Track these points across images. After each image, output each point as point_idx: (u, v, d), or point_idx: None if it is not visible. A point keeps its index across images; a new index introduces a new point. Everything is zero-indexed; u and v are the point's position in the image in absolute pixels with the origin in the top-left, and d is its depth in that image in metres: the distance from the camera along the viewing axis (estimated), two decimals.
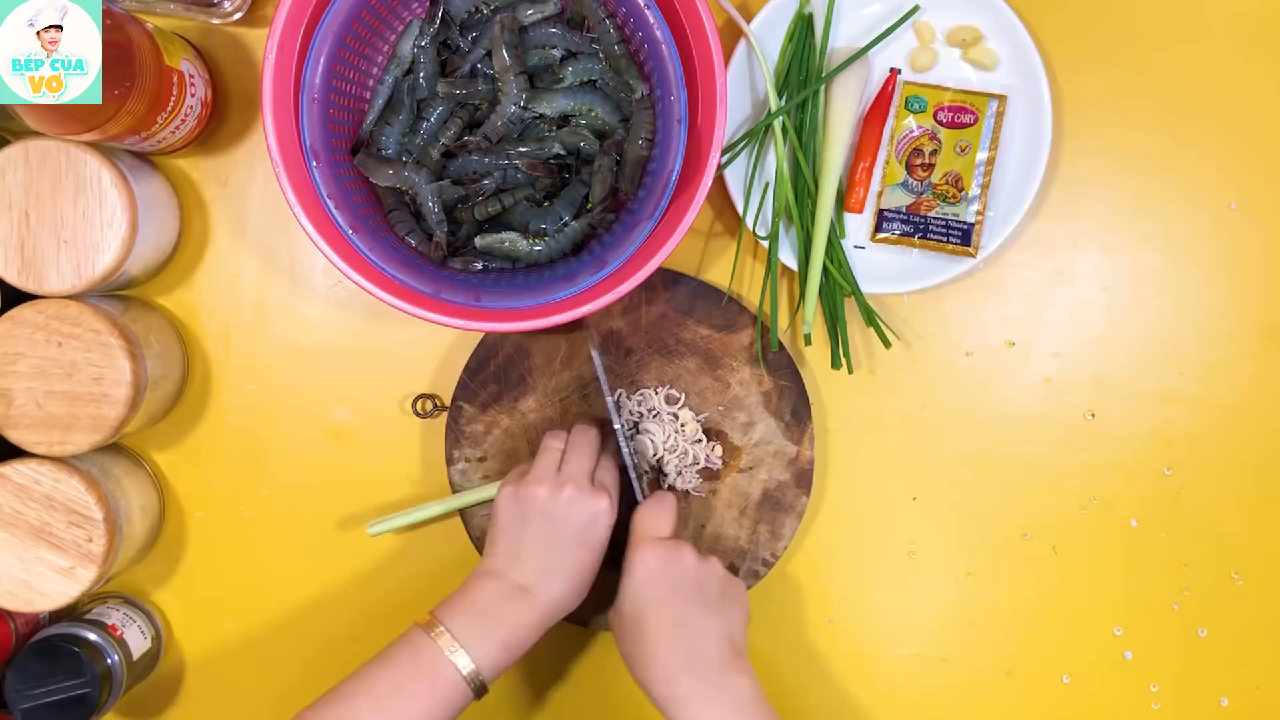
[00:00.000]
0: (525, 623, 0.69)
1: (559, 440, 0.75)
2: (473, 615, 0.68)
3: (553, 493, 0.71)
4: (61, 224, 0.72)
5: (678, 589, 0.69)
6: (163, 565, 0.84)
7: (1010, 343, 0.83)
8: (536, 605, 0.69)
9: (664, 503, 0.72)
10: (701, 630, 0.68)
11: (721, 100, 0.67)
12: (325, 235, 0.68)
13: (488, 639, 0.67)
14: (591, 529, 0.71)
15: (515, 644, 0.68)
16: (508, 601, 0.69)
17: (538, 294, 0.71)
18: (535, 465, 0.73)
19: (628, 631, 0.69)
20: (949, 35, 0.78)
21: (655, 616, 0.68)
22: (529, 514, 0.71)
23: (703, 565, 0.70)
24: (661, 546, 0.70)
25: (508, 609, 0.69)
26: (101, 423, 0.74)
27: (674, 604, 0.68)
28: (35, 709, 0.74)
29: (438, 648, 0.66)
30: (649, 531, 0.71)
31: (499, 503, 0.73)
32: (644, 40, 0.72)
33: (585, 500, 0.71)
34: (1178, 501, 0.83)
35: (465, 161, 0.75)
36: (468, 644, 0.67)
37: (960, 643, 0.84)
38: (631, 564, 0.70)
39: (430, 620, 0.68)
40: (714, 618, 0.69)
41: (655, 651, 0.67)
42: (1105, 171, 0.81)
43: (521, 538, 0.70)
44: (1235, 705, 0.83)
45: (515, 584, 0.69)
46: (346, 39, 0.72)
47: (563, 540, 0.70)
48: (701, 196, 0.68)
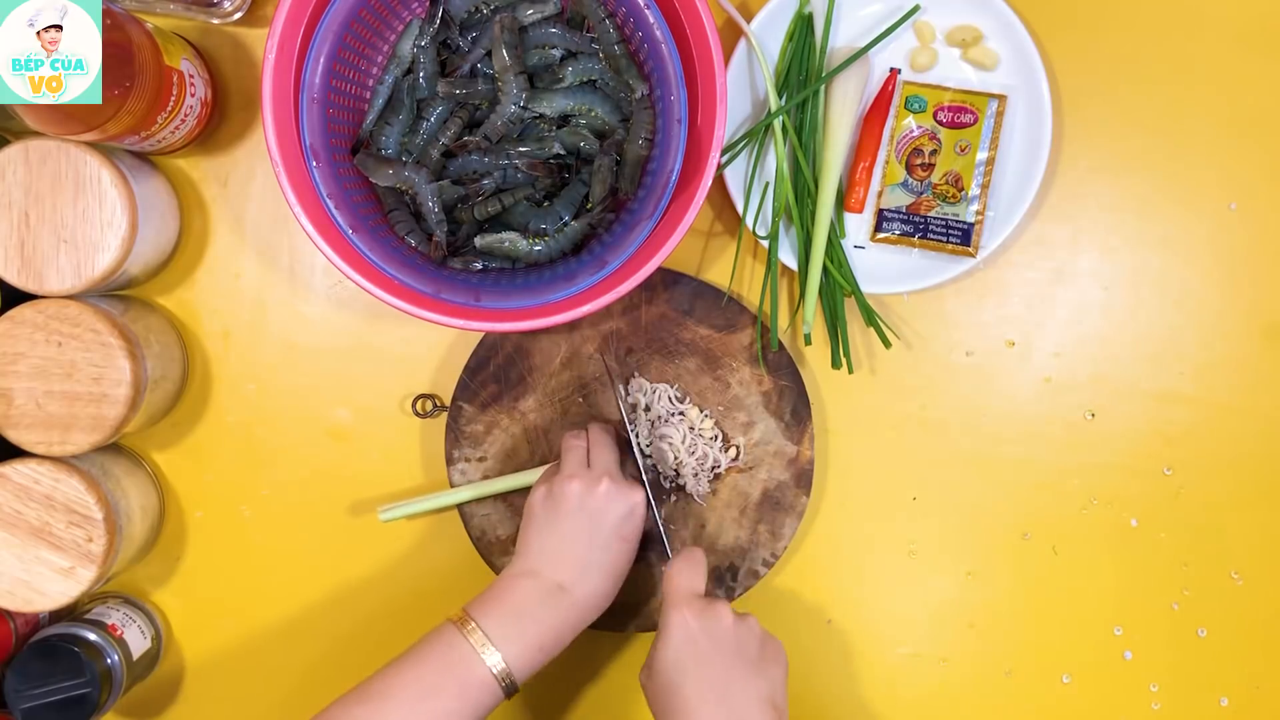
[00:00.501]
0: (563, 622, 0.68)
1: (581, 439, 0.75)
2: (507, 614, 0.67)
3: (588, 487, 0.70)
4: (61, 224, 0.72)
5: (718, 651, 0.66)
6: (163, 565, 0.84)
7: (1010, 343, 0.83)
8: (574, 604, 0.68)
9: (695, 559, 0.70)
10: (743, 696, 0.65)
11: (721, 100, 0.67)
12: (325, 235, 0.68)
13: (522, 639, 0.67)
14: (629, 521, 0.70)
15: (550, 644, 0.68)
16: (544, 601, 0.68)
17: (538, 294, 0.71)
18: (564, 463, 0.73)
19: (663, 694, 0.66)
20: (949, 35, 0.78)
21: (695, 681, 0.65)
22: (565, 510, 0.70)
23: (741, 625, 0.67)
24: (700, 605, 0.67)
25: (544, 609, 0.68)
26: (101, 423, 0.74)
27: (714, 667, 0.65)
28: (35, 709, 0.74)
29: (470, 646, 0.66)
30: (683, 589, 0.68)
31: (531, 503, 0.72)
32: (644, 40, 0.72)
33: (622, 492, 0.70)
34: (1178, 501, 0.83)
35: (465, 161, 0.75)
36: (501, 644, 0.66)
37: (960, 643, 0.84)
38: (669, 624, 0.66)
39: (463, 617, 0.67)
40: (755, 681, 0.66)
41: (696, 714, 0.64)
42: (1105, 171, 0.81)
43: (559, 535, 0.70)
44: (1235, 705, 0.83)
45: (552, 583, 0.68)
46: (346, 39, 0.72)
47: (601, 535, 0.70)
48: (701, 196, 0.68)
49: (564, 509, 0.70)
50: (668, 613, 0.67)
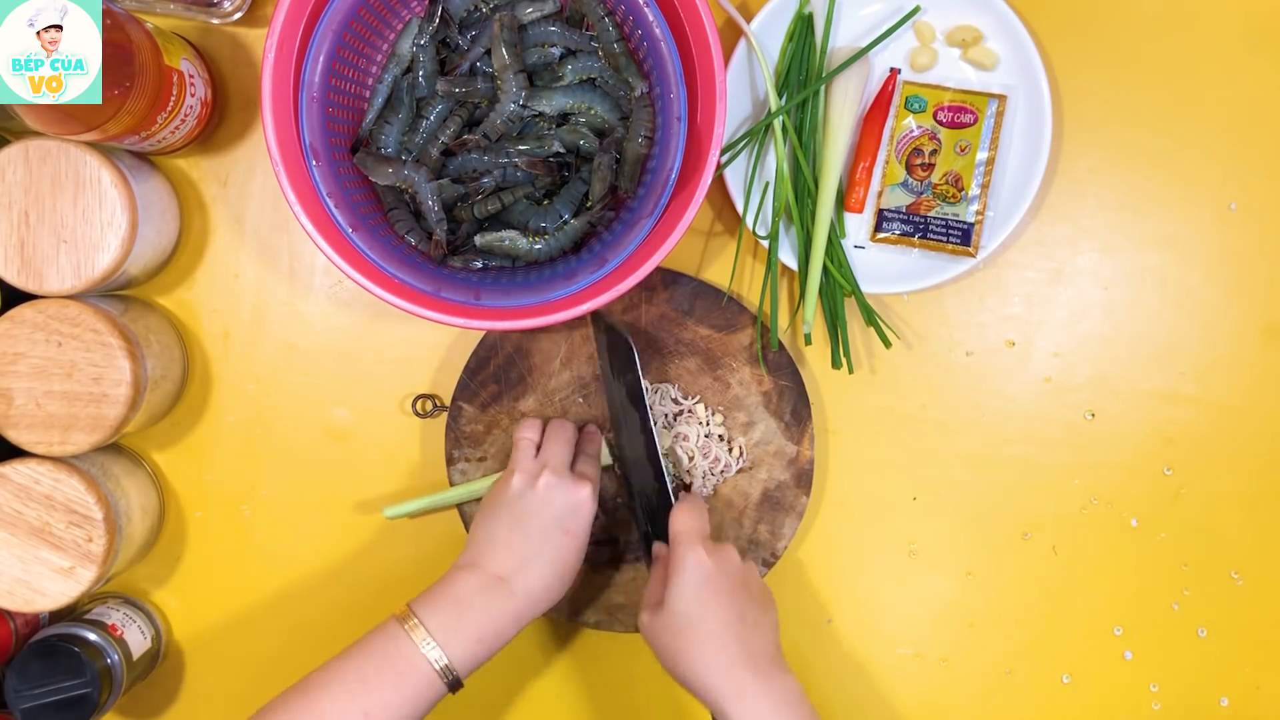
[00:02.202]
0: (501, 614, 0.69)
1: (533, 431, 0.76)
2: (448, 607, 0.68)
3: (528, 480, 0.71)
4: (61, 224, 0.72)
5: (733, 587, 0.69)
6: (163, 565, 0.84)
7: (1010, 343, 0.83)
8: (512, 596, 0.69)
9: (698, 505, 0.72)
10: (756, 626, 0.68)
11: (721, 97, 0.67)
12: (325, 235, 0.68)
13: (462, 632, 0.67)
14: (572, 517, 0.71)
15: (491, 637, 0.68)
16: (483, 593, 0.69)
17: (538, 292, 0.71)
18: (512, 459, 0.74)
19: (678, 629, 0.68)
20: (949, 35, 0.78)
21: (714, 612, 0.67)
22: (506, 502, 0.71)
23: (747, 567, 0.71)
24: (712, 545, 0.70)
25: (483, 600, 0.68)
26: (101, 422, 0.74)
27: (733, 601, 0.68)
28: (35, 709, 0.74)
29: (411, 641, 0.67)
30: (693, 531, 0.70)
31: (484, 497, 0.73)
32: (643, 38, 0.72)
33: (564, 487, 0.71)
34: (1178, 501, 0.83)
35: (465, 160, 0.75)
36: (441, 637, 0.67)
37: (960, 643, 0.84)
38: (684, 563, 0.68)
39: (405, 612, 0.68)
40: (768, 613, 0.70)
41: (715, 645, 0.67)
42: (1105, 171, 0.81)
43: (502, 527, 0.71)
44: (1235, 705, 0.83)
45: (492, 574, 0.69)
46: (346, 38, 0.72)
47: (538, 528, 0.70)
48: (702, 193, 0.68)
49: (505, 501, 0.71)
50: (681, 553, 0.69)
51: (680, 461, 0.79)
